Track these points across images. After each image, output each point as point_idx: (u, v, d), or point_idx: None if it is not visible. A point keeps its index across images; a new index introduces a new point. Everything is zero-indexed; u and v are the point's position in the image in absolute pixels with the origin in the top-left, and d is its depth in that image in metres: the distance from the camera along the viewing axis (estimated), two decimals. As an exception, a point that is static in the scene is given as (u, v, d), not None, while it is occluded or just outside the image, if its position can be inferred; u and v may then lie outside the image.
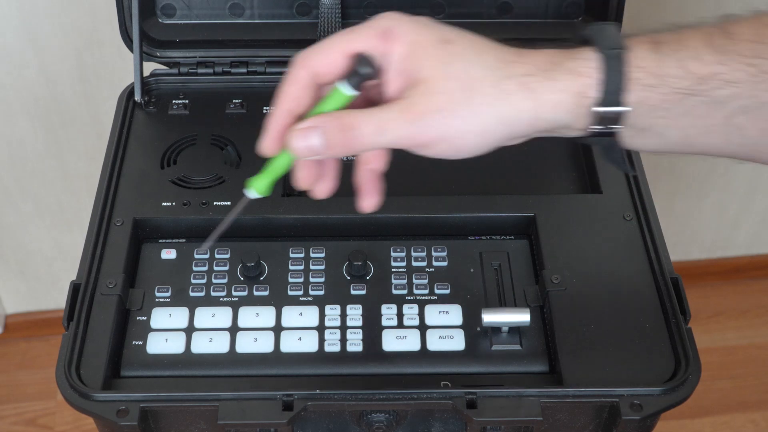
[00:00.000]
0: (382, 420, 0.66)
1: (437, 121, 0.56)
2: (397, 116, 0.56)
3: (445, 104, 0.56)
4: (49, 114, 1.29)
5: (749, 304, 1.74)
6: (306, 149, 0.58)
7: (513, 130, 0.57)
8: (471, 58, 0.57)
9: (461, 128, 0.56)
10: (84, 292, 0.70)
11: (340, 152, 0.58)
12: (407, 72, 0.57)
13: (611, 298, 0.70)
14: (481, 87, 0.56)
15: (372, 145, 0.57)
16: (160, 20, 0.87)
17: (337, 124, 0.57)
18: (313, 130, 0.57)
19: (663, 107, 0.57)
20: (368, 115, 0.56)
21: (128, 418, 0.62)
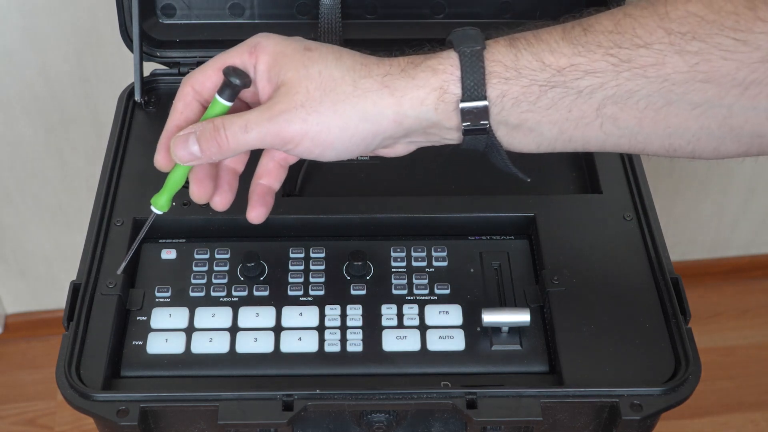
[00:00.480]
0: (382, 420, 0.66)
1: (296, 116, 0.59)
2: (260, 115, 0.60)
3: (303, 101, 0.59)
4: (49, 114, 1.30)
5: (749, 304, 1.74)
6: (187, 155, 0.62)
7: (378, 128, 0.60)
8: (329, 62, 0.60)
9: (321, 123, 0.59)
10: (84, 292, 0.70)
11: (215, 154, 0.62)
12: (272, 79, 0.62)
13: (611, 298, 0.70)
14: (339, 86, 0.59)
15: (241, 144, 0.61)
16: (160, 20, 0.87)
17: (208, 127, 0.61)
18: (189, 135, 0.62)
19: (527, 100, 0.58)
20: (235, 117, 0.61)
21: (128, 418, 0.62)
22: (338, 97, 0.59)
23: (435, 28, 0.88)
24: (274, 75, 0.61)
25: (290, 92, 0.60)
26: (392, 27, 0.88)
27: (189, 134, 0.62)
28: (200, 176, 0.66)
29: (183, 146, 0.62)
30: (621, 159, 0.80)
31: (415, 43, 0.87)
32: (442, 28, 0.88)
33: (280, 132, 0.60)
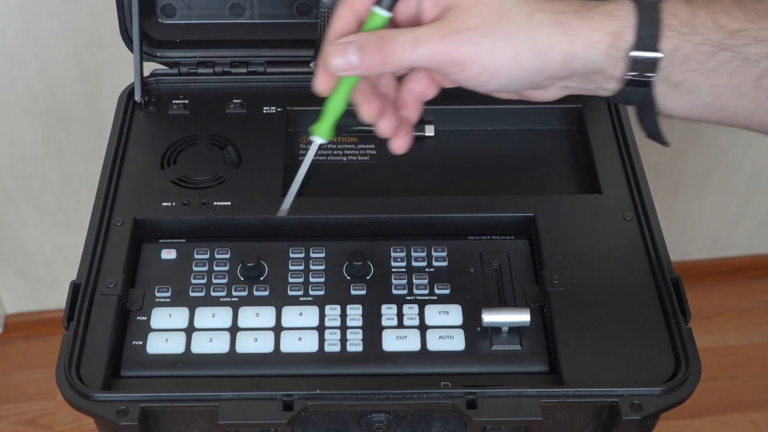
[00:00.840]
0: (382, 420, 0.66)
1: (469, 37, 0.57)
2: (432, 31, 0.58)
3: (478, 24, 0.57)
4: (49, 114, 1.29)
5: (749, 304, 1.74)
6: (344, 63, 0.59)
7: (545, 64, 0.58)
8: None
9: (494, 49, 0.58)
10: (84, 292, 0.70)
11: (376, 65, 0.59)
12: (440, 1, 0.59)
13: (611, 298, 0.70)
14: (513, 15, 0.58)
15: (407, 59, 0.58)
16: (160, 20, 0.87)
17: (373, 37, 0.59)
18: (349, 44, 0.59)
19: (695, 59, 0.58)
20: (405, 31, 0.58)
21: (128, 418, 0.62)
22: (512, 26, 0.58)
23: (435, 28, 0.88)
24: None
25: (464, 14, 0.58)
26: (392, 27, 0.88)
27: (349, 42, 0.59)
28: (366, 93, 0.63)
29: (341, 54, 0.59)
30: (621, 159, 0.80)
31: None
32: (442, 28, 0.88)
33: (450, 51, 0.58)
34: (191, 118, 0.85)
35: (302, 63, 0.87)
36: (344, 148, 0.85)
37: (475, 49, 0.57)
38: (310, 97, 0.86)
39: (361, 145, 0.85)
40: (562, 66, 0.59)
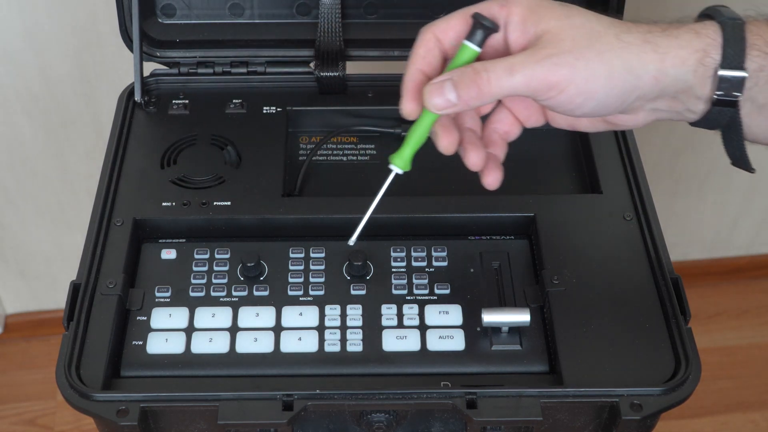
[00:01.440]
0: (382, 420, 0.66)
1: (564, 60, 0.58)
2: (526, 58, 0.59)
3: (571, 47, 0.58)
4: (49, 114, 1.29)
5: (749, 304, 1.74)
6: (443, 102, 0.60)
7: (638, 83, 0.59)
8: (590, 16, 0.60)
9: (588, 69, 0.59)
10: (84, 292, 0.70)
11: (474, 99, 0.60)
12: (529, 30, 0.60)
13: (611, 298, 0.70)
14: (603, 36, 0.59)
15: (504, 88, 0.59)
16: (160, 20, 0.87)
17: (467, 71, 0.60)
18: (445, 82, 0.60)
19: None
20: (499, 60, 0.59)
21: (128, 418, 0.62)
22: (603, 47, 0.59)
23: (435, 28, 0.88)
24: (531, 25, 0.61)
25: (555, 39, 0.59)
26: (392, 27, 0.88)
27: (444, 81, 0.60)
28: (446, 124, 0.64)
29: (438, 93, 0.60)
30: (621, 159, 0.80)
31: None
32: (442, 28, 0.88)
33: (547, 76, 0.58)
34: (191, 118, 0.85)
35: (302, 63, 0.87)
36: (344, 148, 0.85)
37: (571, 71, 0.58)
38: (310, 97, 0.87)
39: (361, 145, 0.85)
40: (653, 84, 0.60)
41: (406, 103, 0.63)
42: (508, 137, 0.68)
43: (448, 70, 0.61)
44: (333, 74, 0.86)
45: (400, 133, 0.85)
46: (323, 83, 0.86)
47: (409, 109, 0.63)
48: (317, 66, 0.86)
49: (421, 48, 0.63)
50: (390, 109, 0.86)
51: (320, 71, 0.86)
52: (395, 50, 0.87)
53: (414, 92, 0.63)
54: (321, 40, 0.86)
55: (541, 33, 0.60)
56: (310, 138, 0.86)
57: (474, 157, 0.65)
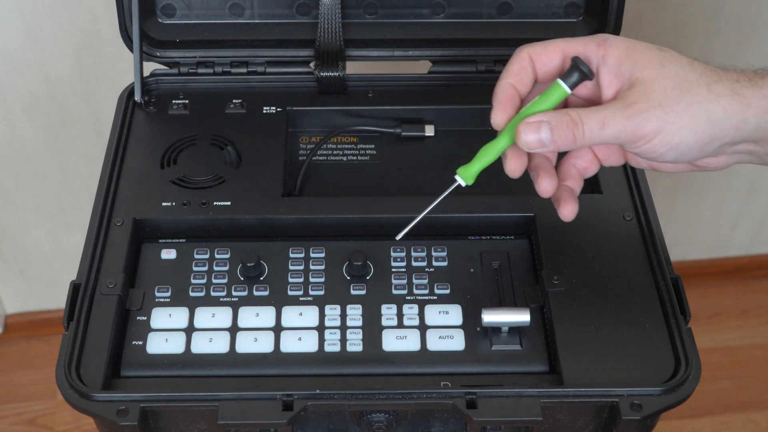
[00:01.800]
0: (382, 420, 0.66)
1: (654, 115, 0.61)
2: (617, 113, 0.62)
3: (661, 101, 0.61)
4: (49, 114, 1.29)
5: (749, 304, 1.74)
6: (535, 141, 0.63)
7: (720, 133, 0.62)
8: (684, 64, 0.62)
9: (675, 123, 0.61)
10: (84, 292, 0.70)
11: (564, 145, 0.63)
12: (623, 74, 0.63)
13: (611, 298, 0.70)
14: (694, 88, 0.61)
15: (594, 140, 0.62)
16: (160, 20, 0.87)
17: (565, 119, 0.62)
18: (542, 124, 0.63)
19: None
20: (592, 112, 0.62)
21: (128, 418, 0.62)
22: (693, 99, 0.61)
23: (435, 28, 0.88)
24: (627, 70, 0.63)
25: (647, 90, 0.61)
26: (392, 27, 0.88)
27: (542, 122, 0.63)
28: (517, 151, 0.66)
29: (534, 132, 0.63)
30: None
31: (414, 43, 0.87)
32: (443, 28, 0.88)
33: (636, 130, 0.61)
34: (191, 118, 0.85)
35: (302, 63, 0.87)
36: (344, 148, 0.85)
37: (659, 124, 0.61)
38: (310, 97, 0.87)
39: (361, 145, 0.85)
40: (735, 132, 0.62)
41: (497, 113, 0.66)
42: (586, 174, 0.70)
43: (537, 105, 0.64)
44: (333, 74, 0.86)
45: (400, 133, 0.85)
46: (323, 83, 0.86)
47: (499, 119, 0.66)
48: (317, 66, 0.86)
49: (516, 65, 0.66)
50: (390, 109, 0.86)
51: (320, 71, 0.86)
52: (395, 50, 0.87)
53: (504, 104, 0.66)
54: (321, 40, 0.86)
55: (635, 81, 0.62)
56: (310, 138, 0.86)
57: (546, 184, 0.67)
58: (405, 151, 0.85)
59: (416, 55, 0.88)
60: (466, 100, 0.86)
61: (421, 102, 0.86)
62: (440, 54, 0.87)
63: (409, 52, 0.87)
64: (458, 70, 0.87)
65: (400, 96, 0.86)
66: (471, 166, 0.67)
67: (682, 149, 0.62)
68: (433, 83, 0.87)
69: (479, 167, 0.67)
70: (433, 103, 0.86)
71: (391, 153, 0.85)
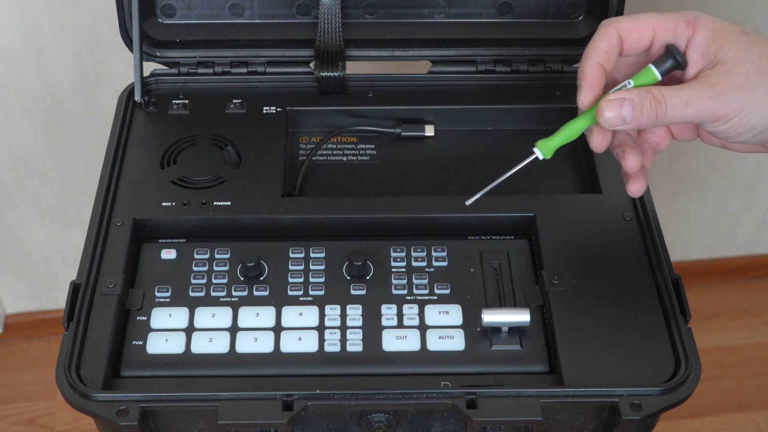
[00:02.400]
0: (382, 420, 0.66)
1: (735, 96, 0.62)
2: (701, 92, 0.63)
3: (743, 83, 0.62)
4: (49, 114, 1.29)
5: (749, 304, 1.74)
6: (617, 118, 0.64)
7: None
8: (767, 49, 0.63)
9: (755, 105, 0.62)
10: (84, 292, 0.70)
11: (646, 122, 0.64)
12: (709, 55, 0.64)
13: (611, 298, 0.70)
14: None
15: (676, 118, 0.63)
16: (160, 20, 0.87)
17: (648, 97, 0.63)
18: (625, 101, 0.63)
19: None
20: (675, 90, 0.63)
21: (128, 418, 0.62)
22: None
23: (435, 28, 0.88)
24: (712, 51, 0.64)
25: (730, 72, 0.63)
26: (392, 27, 0.88)
27: (624, 99, 0.63)
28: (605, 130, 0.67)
29: (616, 109, 0.63)
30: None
31: (414, 43, 0.87)
32: (442, 28, 0.88)
33: (717, 110, 0.63)
34: (191, 118, 0.85)
35: (302, 63, 0.87)
36: (344, 148, 0.85)
37: (739, 106, 0.62)
38: (310, 97, 0.87)
39: (361, 145, 0.85)
40: None
41: (585, 94, 0.66)
42: (659, 148, 0.71)
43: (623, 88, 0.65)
44: (333, 74, 0.86)
45: (400, 133, 0.85)
46: (323, 83, 0.86)
47: (588, 100, 0.66)
48: (317, 66, 0.86)
49: (604, 43, 0.66)
50: (390, 109, 0.86)
51: (320, 71, 0.86)
52: (395, 50, 0.87)
53: (593, 84, 0.66)
54: (321, 40, 0.86)
55: (718, 61, 0.63)
56: (310, 138, 0.86)
57: (632, 160, 0.68)
58: (405, 151, 0.85)
59: (416, 55, 0.88)
60: (466, 100, 0.86)
61: (421, 102, 0.86)
62: (440, 54, 0.87)
63: (409, 52, 0.87)
64: (458, 70, 0.88)
65: (400, 96, 0.86)
66: (551, 140, 0.67)
67: (758, 130, 0.63)
68: (433, 83, 0.87)
69: (559, 142, 0.67)
70: (433, 103, 0.86)
71: (391, 153, 0.85)
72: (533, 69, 0.87)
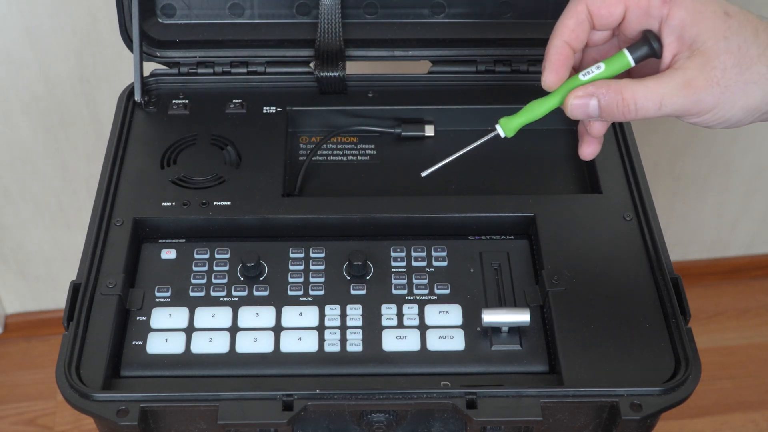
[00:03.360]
0: (382, 420, 0.66)
1: (710, 95, 0.60)
2: (676, 92, 0.60)
3: (720, 79, 0.60)
4: (49, 114, 1.29)
5: (749, 304, 1.74)
6: (582, 113, 0.62)
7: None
8: (748, 36, 0.60)
9: (730, 101, 0.60)
10: (84, 292, 0.70)
11: (614, 119, 0.62)
12: (685, 39, 0.61)
13: (611, 298, 0.70)
14: (754, 65, 0.60)
15: (648, 116, 0.61)
16: (160, 20, 0.87)
17: (617, 99, 0.61)
18: (592, 97, 0.61)
19: None
20: (648, 90, 0.60)
21: (128, 418, 0.62)
22: (751, 78, 0.60)
23: (435, 28, 0.88)
24: (689, 37, 0.61)
25: (707, 66, 0.60)
26: (392, 27, 0.88)
27: (592, 95, 0.62)
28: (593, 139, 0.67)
29: (583, 106, 0.62)
30: (621, 159, 0.80)
31: (414, 43, 0.87)
32: (442, 28, 0.88)
33: (691, 108, 0.61)
34: (191, 118, 0.85)
35: (302, 63, 0.87)
36: (344, 148, 0.85)
37: (714, 103, 0.60)
38: (310, 97, 0.87)
39: (361, 145, 0.85)
40: None
41: (549, 75, 0.64)
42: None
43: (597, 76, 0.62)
44: (333, 74, 0.86)
45: (400, 134, 0.85)
46: (323, 83, 0.86)
47: (551, 81, 0.64)
48: (317, 66, 0.86)
49: (572, 20, 0.63)
50: (390, 109, 0.86)
51: (320, 71, 0.86)
52: (395, 50, 0.87)
53: (557, 65, 0.63)
54: (321, 40, 0.86)
55: (695, 51, 0.61)
56: (310, 138, 0.86)
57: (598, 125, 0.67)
58: (405, 151, 0.85)
59: (416, 55, 0.88)
60: (466, 100, 0.86)
61: (421, 102, 0.86)
62: (440, 54, 0.87)
63: (409, 52, 0.87)
64: (458, 70, 0.88)
65: (400, 96, 0.86)
66: (514, 119, 0.65)
67: (731, 123, 0.62)
68: (433, 83, 0.87)
69: (523, 121, 0.65)
70: (433, 103, 0.86)
71: (391, 153, 0.85)
72: (533, 69, 0.87)
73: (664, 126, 1.43)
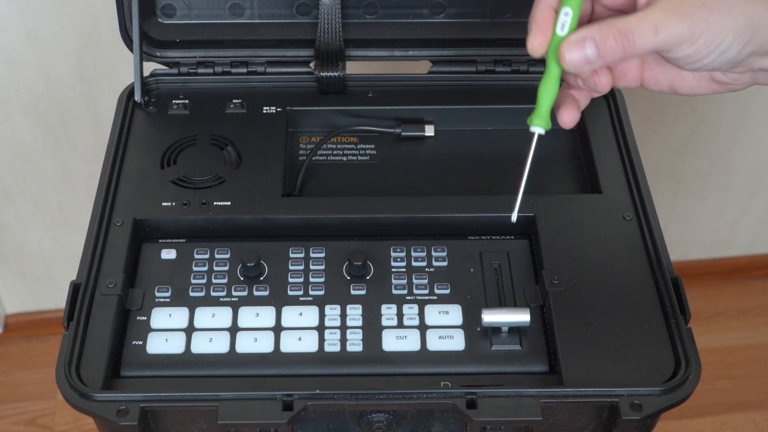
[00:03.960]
0: (382, 420, 0.66)
1: (701, 15, 0.59)
2: (668, 15, 0.59)
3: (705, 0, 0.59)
4: (49, 114, 1.30)
5: (749, 304, 1.74)
6: (581, 60, 0.60)
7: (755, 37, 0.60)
8: None
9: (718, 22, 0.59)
10: (84, 292, 0.70)
11: (613, 58, 0.60)
12: None
13: (611, 298, 0.70)
14: None
15: (646, 48, 0.60)
16: (160, 20, 0.87)
17: (612, 32, 0.59)
18: (585, 40, 0.60)
19: None
20: (641, 19, 0.59)
21: (128, 418, 0.62)
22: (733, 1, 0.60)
23: (435, 28, 0.88)
24: None
25: None
26: (392, 27, 0.88)
27: (585, 38, 0.60)
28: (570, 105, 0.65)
29: (579, 50, 0.60)
30: (621, 159, 0.80)
31: (414, 43, 0.87)
32: (442, 28, 0.88)
33: (685, 32, 0.59)
34: (191, 118, 0.85)
35: (302, 63, 0.87)
36: (344, 148, 0.85)
37: (705, 25, 0.59)
38: (310, 97, 0.87)
39: (361, 145, 0.85)
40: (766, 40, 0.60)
41: (535, 37, 0.62)
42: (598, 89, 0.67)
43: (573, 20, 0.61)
44: (333, 74, 0.86)
45: (400, 134, 0.85)
46: (323, 83, 0.86)
47: (537, 43, 0.62)
48: (317, 66, 0.86)
49: None
50: (390, 109, 0.86)
51: (320, 71, 0.86)
52: (395, 50, 0.87)
53: (543, 26, 0.62)
54: (321, 40, 0.86)
55: None
56: (310, 138, 0.86)
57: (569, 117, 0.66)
58: (405, 151, 0.85)
59: (416, 55, 0.88)
60: (466, 100, 0.86)
61: (421, 102, 0.86)
62: (440, 54, 0.87)
63: (409, 52, 0.87)
64: (458, 70, 0.88)
65: (400, 96, 0.86)
66: (539, 111, 0.64)
67: (721, 49, 0.60)
68: (433, 83, 0.88)
69: (547, 108, 0.64)
70: (433, 103, 0.86)
71: (391, 153, 0.85)
72: (533, 69, 0.87)
73: (664, 126, 1.43)
